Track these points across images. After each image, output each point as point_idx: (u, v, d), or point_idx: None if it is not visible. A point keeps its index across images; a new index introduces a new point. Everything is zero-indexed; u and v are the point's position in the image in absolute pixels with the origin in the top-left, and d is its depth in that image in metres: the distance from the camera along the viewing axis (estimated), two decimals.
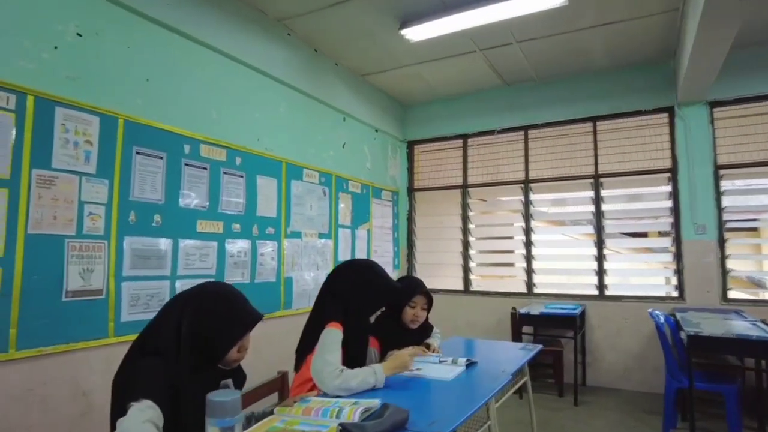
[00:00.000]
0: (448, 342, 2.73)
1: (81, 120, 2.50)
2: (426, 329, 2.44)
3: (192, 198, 3.09)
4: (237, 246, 3.40)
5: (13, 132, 2.23)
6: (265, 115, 3.72)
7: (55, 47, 2.42)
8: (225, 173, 3.33)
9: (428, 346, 2.32)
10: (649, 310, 3.73)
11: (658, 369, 4.14)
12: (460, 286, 5.25)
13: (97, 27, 2.60)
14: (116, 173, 2.65)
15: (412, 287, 2.30)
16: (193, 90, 3.15)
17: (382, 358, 2.20)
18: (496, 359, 2.30)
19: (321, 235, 4.24)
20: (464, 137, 5.35)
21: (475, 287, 5.22)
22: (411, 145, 5.67)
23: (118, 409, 1.28)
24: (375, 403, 1.43)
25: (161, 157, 2.91)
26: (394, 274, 5.32)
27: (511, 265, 5.16)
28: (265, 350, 3.36)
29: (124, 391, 1.29)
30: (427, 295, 2.32)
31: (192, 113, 3.13)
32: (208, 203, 3.19)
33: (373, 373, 1.79)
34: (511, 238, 5.14)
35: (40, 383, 2.30)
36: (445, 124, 5.40)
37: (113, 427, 1.28)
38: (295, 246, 3.94)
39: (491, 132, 5.18)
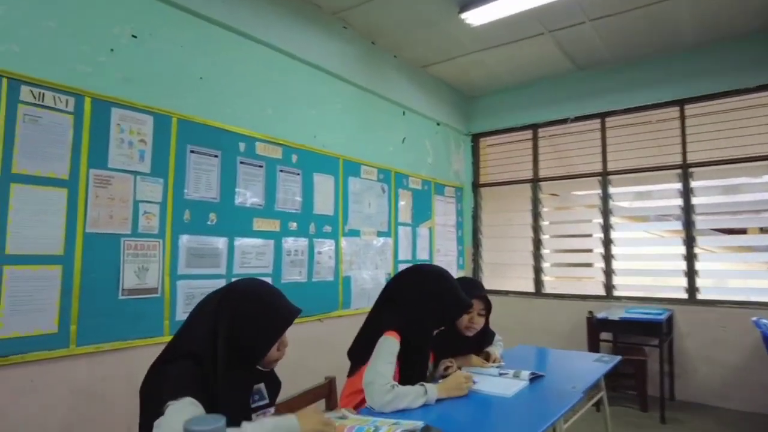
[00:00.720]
0: (511, 351, 2.48)
1: (135, 120, 2.52)
2: (486, 336, 2.21)
3: (248, 196, 3.06)
4: (294, 244, 3.34)
5: (72, 133, 2.29)
6: (321, 111, 3.64)
7: (111, 50, 2.46)
8: (281, 171, 3.29)
9: (488, 356, 2.10)
10: (754, 318, 3.23)
11: (766, 387, 3.59)
12: (531, 288, 4.90)
13: (151, 28, 2.63)
14: (170, 172, 2.66)
15: (467, 290, 2.09)
16: (248, 87, 3.12)
17: (435, 367, 2.01)
18: (567, 372, 2.04)
19: (380, 234, 4.11)
20: (534, 127, 4.99)
21: (547, 289, 4.85)
22: (476, 138, 5.40)
23: (151, 413, 1.20)
24: (416, 425, 1.25)
25: (216, 156, 2.90)
26: (457, 275, 5.08)
27: (588, 265, 4.74)
28: (323, 351, 3.28)
29: (159, 395, 1.21)
30: (485, 299, 2.10)
31: (247, 111, 3.10)
32: (264, 201, 3.15)
33: (424, 394, 1.62)
34: (588, 235, 4.72)
35: (98, 379, 2.34)
36: (513, 114, 5.08)
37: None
38: (353, 245, 3.83)
39: (564, 121, 4.79)
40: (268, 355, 1.34)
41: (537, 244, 4.89)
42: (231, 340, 1.26)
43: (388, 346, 1.70)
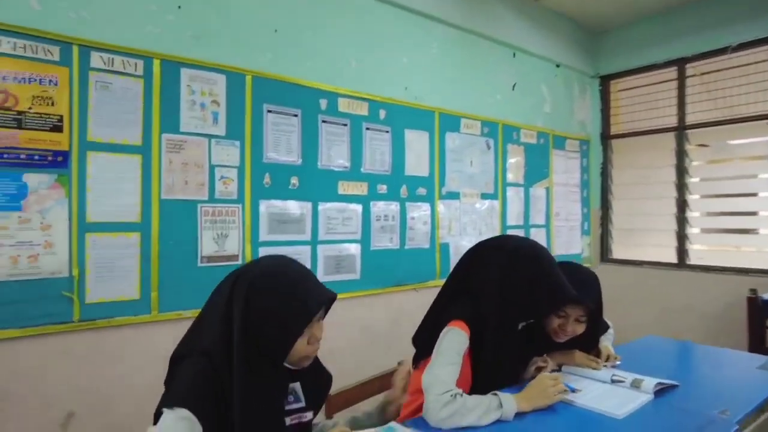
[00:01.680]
0: (636, 344, 1.95)
1: (207, 80, 2.40)
2: (597, 326, 1.73)
3: (331, 158, 2.84)
4: (384, 209, 3.07)
5: (143, 97, 2.23)
6: (413, 58, 3.25)
7: (179, 7, 2.33)
8: (368, 129, 3.00)
9: (599, 354, 1.63)
10: None
11: None
12: (672, 258, 4.08)
13: None
14: (247, 134, 2.52)
15: (575, 286, 1.58)
16: (328, 38, 2.84)
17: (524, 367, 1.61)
18: (714, 384, 1.50)
19: (484, 196, 3.66)
20: (680, 63, 4.03)
21: (693, 260, 4.00)
22: (605, 80, 4.55)
23: (156, 411, 1.05)
24: None
25: (295, 115, 2.70)
26: (583, 241, 4.43)
27: (751, 231, 3.78)
28: (418, 322, 3.02)
29: (164, 394, 1.06)
30: (589, 307, 1.57)
31: (328, 64, 2.84)
32: (349, 163, 2.91)
33: (498, 407, 1.24)
34: (752, 195, 3.74)
35: None
36: (653, 48, 4.14)
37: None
38: (451, 208, 3.45)
39: (722, 51, 3.77)
40: (294, 351, 1.09)
41: (682, 205, 4.02)
42: (246, 335, 1.04)
43: (452, 340, 1.36)
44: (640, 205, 4.34)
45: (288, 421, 1.14)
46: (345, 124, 2.90)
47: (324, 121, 2.81)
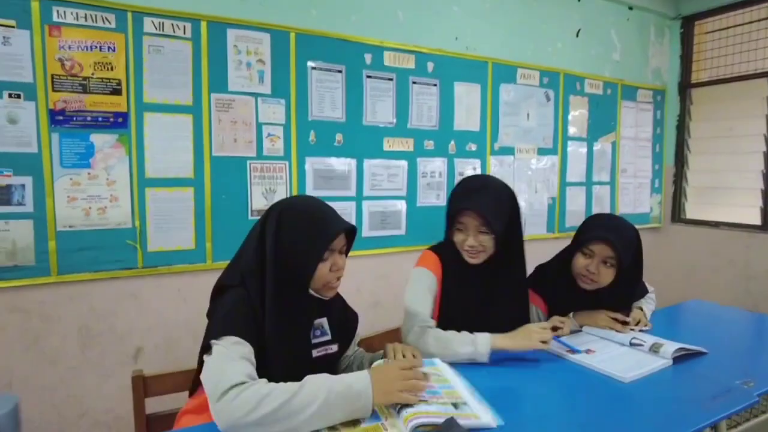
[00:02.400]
0: (674, 309, 1.84)
1: (252, 39, 2.46)
2: (628, 289, 1.65)
3: (376, 114, 2.83)
4: (430, 165, 3.05)
5: (192, 59, 2.33)
6: (465, 6, 3.10)
7: None
8: (414, 83, 2.95)
9: (627, 316, 1.57)
10: None
11: None
12: (755, 220, 3.72)
13: None
14: (292, 92, 2.58)
15: (591, 227, 1.57)
16: None
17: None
18: (748, 355, 1.40)
19: (542, 151, 3.50)
20: None
21: None
22: (688, 22, 4.08)
23: (204, 344, 1.13)
24: (437, 415, 0.94)
25: (339, 71, 2.71)
26: (652, 200, 4.15)
27: None
28: None
29: (210, 326, 1.15)
30: (615, 247, 1.49)
31: (373, 17, 2.79)
32: (395, 119, 2.90)
33: (470, 342, 1.28)
34: None
35: None
36: None
37: (200, 360, 1.13)
38: (505, 165, 3.35)
39: None
40: (317, 276, 1.16)
41: None
42: (277, 258, 1.13)
43: (416, 275, 1.46)
44: (720, 161, 3.95)
45: (314, 353, 1.23)
46: (390, 79, 2.87)
47: (369, 77, 2.79)
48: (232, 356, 1.01)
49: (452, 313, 1.42)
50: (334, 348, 1.28)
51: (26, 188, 2.07)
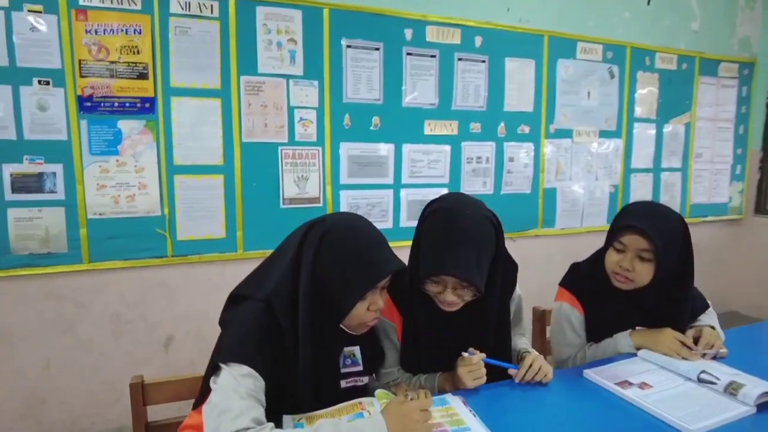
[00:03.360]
0: (756, 329, 1.53)
1: (282, 17, 2.32)
2: (679, 292, 1.34)
3: (417, 94, 2.63)
4: (477, 149, 2.81)
5: (219, 40, 2.22)
6: None
7: None
8: (460, 60, 2.71)
9: (697, 341, 1.29)
10: None
11: None
12: None
13: None
14: (326, 73, 2.42)
15: (624, 216, 1.34)
16: None
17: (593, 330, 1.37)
18: None
19: (604, 134, 3.16)
20: None
21: None
22: None
23: (214, 358, 0.99)
24: None
25: (377, 49, 2.52)
26: (732, 188, 3.68)
27: None
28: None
29: (222, 340, 1.01)
30: (649, 236, 1.22)
31: None
32: (437, 99, 2.68)
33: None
34: None
35: None
36: None
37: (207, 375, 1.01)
38: (561, 148, 3.04)
39: None
40: (353, 315, 1.01)
41: None
42: (313, 285, 0.98)
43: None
44: None
45: (343, 383, 1.10)
46: (433, 56, 2.64)
47: (409, 54, 2.59)
48: (240, 392, 0.88)
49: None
50: (365, 380, 1.14)
51: (57, 176, 2.06)
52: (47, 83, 2.01)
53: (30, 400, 2.15)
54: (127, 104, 2.12)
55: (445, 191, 2.76)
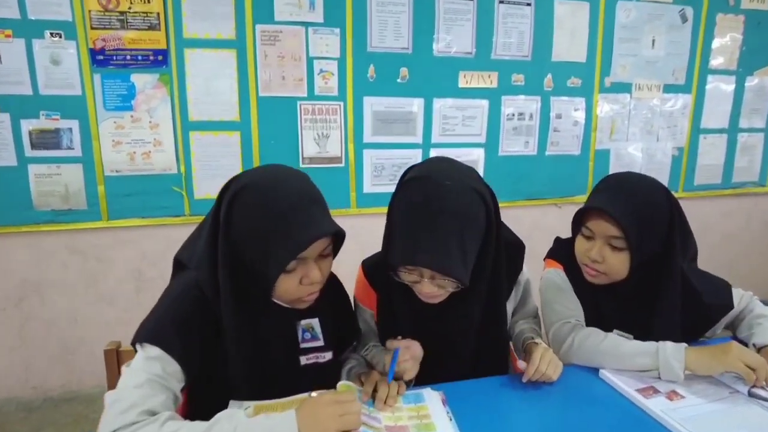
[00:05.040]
0: None
1: None
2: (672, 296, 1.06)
3: (450, 42, 2.38)
4: (518, 105, 2.54)
5: None
6: None
7: None
8: (501, 2, 2.41)
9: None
10: None
11: None
12: None
13: None
14: (348, 19, 2.22)
15: (593, 195, 1.09)
16: None
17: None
18: None
19: (669, 89, 2.76)
20: None
21: None
22: None
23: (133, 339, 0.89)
24: None
25: None
26: None
27: None
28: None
29: (149, 314, 0.90)
30: (617, 219, 0.99)
31: None
32: (474, 48, 2.41)
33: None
34: None
35: None
36: None
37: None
38: (617, 104, 2.69)
39: None
40: (281, 290, 0.87)
41: None
42: (232, 255, 0.85)
43: None
44: None
45: (303, 360, 0.97)
46: None
47: None
48: (139, 379, 0.78)
49: None
50: (328, 356, 1.00)
51: (73, 132, 2.04)
52: (59, 36, 1.96)
53: (62, 349, 2.23)
54: (140, 57, 2.04)
55: (480, 151, 2.53)
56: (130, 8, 1.99)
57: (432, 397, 0.89)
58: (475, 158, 2.52)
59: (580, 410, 0.89)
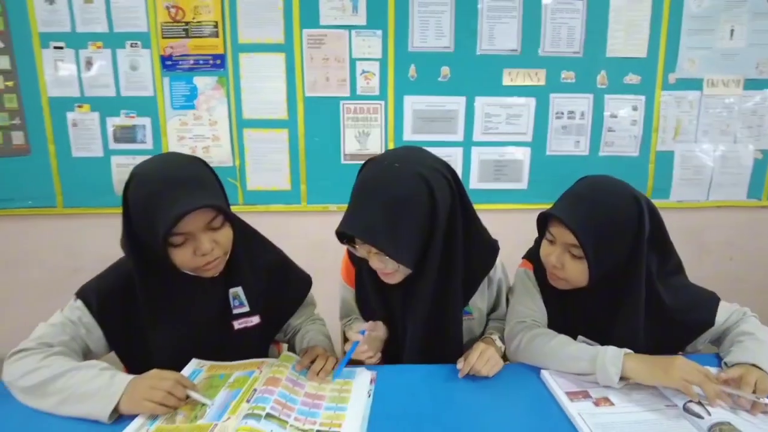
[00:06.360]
0: None
1: None
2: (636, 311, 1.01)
3: (494, 40, 2.36)
4: (568, 103, 2.45)
5: None
6: None
7: None
8: None
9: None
10: None
11: None
12: None
13: None
14: (390, 20, 2.30)
15: (560, 198, 1.08)
16: None
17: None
18: None
19: (751, 84, 2.48)
20: None
21: None
22: None
23: None
24: None
25: None
26: None
27: None
28: None
29: None
30: (572, 229, 0.96)
31: None
32: (519, 45, 2.37)
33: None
34: None
35: (329, 234, 2.50)
36: None
37: None
38: (682, 102, 2.48)
39: None
40: (178, 263, 0.96)
41: None
42: (128, 227, 0.97)
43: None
44: None
45: (236, 325, 1.09)
46: None
47: None
48: (56, 319, 0.99)
49: None
50: (255, 320, 1.10)
51: (146, 128, 2.34)
52: (137, 45, 2.26)
53: None
54: (201, 61, 2.29)
55: (526, 150, 2.49)
56: (194, 18, 2.24)
57: (362, 376, 0.96)
58: (519, 157, 2.48)
59: (498, 407, 0.89)
